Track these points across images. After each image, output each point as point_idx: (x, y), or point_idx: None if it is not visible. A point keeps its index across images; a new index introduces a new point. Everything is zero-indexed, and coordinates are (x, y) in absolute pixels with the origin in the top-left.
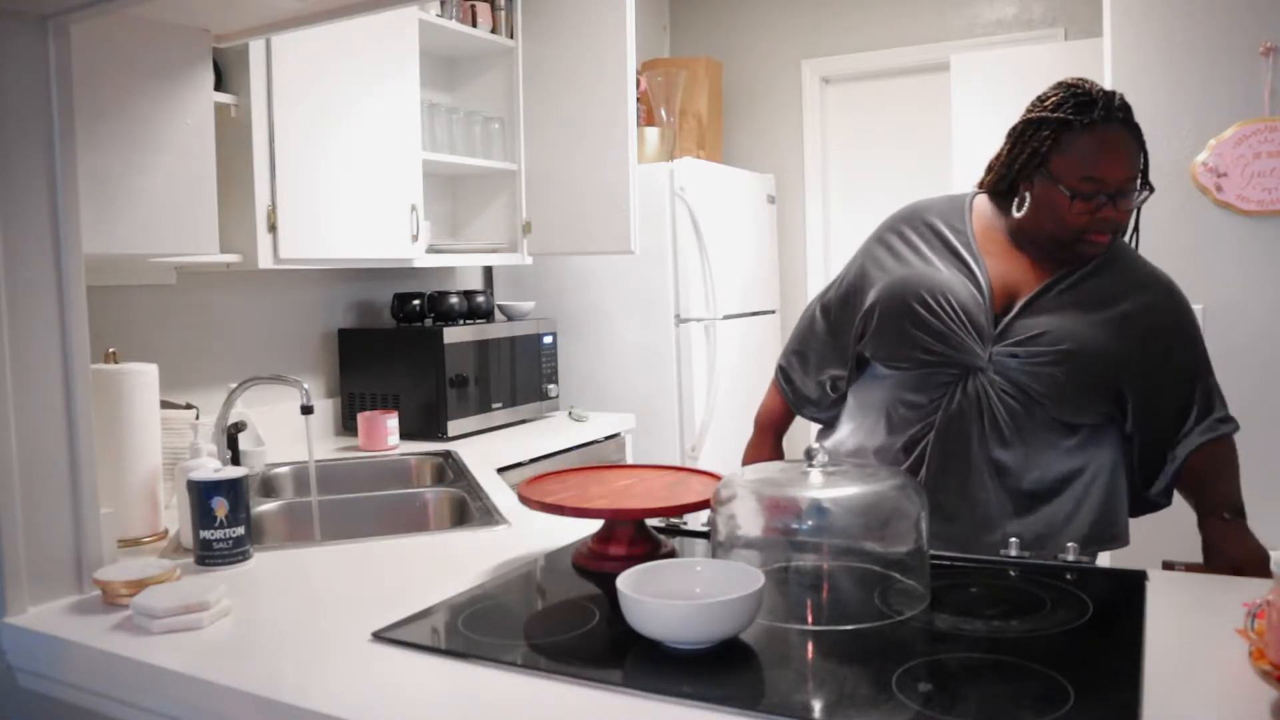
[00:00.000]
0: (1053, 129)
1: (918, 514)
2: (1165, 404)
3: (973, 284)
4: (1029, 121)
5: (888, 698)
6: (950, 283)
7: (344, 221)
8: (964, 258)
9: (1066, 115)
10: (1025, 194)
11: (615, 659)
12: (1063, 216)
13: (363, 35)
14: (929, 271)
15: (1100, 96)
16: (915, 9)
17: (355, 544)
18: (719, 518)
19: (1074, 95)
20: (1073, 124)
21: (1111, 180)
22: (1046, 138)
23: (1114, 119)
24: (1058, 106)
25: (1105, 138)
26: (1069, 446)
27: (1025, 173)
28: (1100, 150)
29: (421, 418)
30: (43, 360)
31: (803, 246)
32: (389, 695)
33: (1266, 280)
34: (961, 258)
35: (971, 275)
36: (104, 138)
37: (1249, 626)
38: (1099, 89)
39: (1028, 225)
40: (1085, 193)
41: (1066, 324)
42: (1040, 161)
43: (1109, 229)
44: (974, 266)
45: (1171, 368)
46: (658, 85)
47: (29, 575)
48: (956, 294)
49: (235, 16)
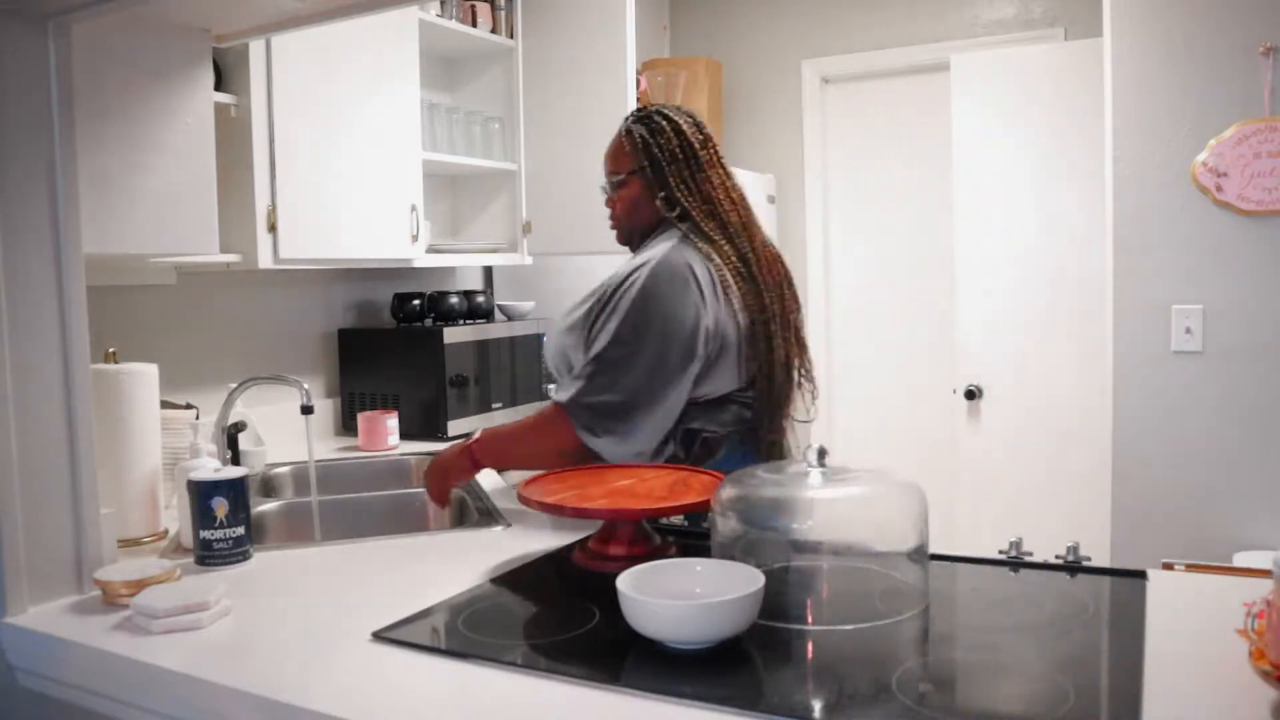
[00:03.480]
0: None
1: (918, 514)
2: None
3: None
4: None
5: (888, 698)
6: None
7: (344, 221)
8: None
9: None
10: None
11: (615, 659)
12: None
13: (363, 36)
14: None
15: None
16: (915, 9)
17: (355, 544)
18: (719, 518)
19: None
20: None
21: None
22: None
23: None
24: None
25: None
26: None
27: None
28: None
29: (421, 418)
30: (43, 360)
31: (803, 246)
32: (389, 695)
33: (1266, 280)
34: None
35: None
36: (104, 138)
37: (1249, 626)
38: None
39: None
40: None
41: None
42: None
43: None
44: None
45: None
46: (658, 85)
47: (29, 575)
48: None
49: (235, 16)
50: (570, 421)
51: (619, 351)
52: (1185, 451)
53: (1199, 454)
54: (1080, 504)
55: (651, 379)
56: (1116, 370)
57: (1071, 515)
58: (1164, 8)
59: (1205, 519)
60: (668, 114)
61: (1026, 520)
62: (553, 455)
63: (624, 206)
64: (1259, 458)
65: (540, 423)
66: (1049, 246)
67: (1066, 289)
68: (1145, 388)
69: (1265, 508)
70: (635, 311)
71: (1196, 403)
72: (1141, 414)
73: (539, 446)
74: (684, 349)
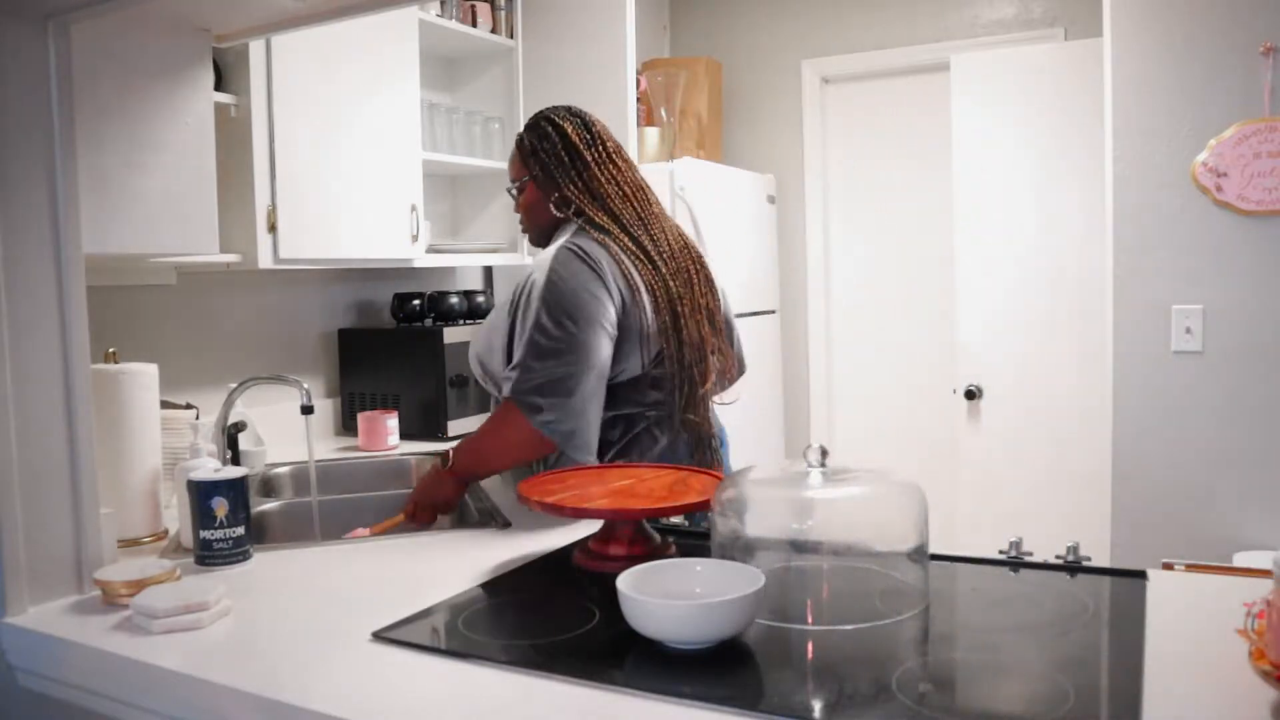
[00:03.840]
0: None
1: (918, 514)
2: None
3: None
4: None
5: (888, 698)
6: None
7: (344, 221)
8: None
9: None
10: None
11: (615, 659)
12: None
13: (363, 35)
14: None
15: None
16: (915, 9)
17: (355, 544)
18: (719, 518)
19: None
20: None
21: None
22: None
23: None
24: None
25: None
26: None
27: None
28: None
29: (421, 418)
30: (43, 360)
31: (803, 246)
32: (389, 695)
33: (1266, 280)
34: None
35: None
36: (104, 138)
37: (1249, 626)
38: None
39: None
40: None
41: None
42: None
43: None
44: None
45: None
46: (658, 85)
47: (29, 575)
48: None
49: (235, 16)
50: (519, 410)
51: (542, 337)
52: (1185, 451)
53: (1199, 454)
54: (1080, 504)
55: (577, 351)
56: (1116, 370)
57: (1071, 515)
58: (1164, 8)
59: (1205, 519)
60: (554, 118)
61: (1026, 520)
62: (515, 448)
63: (524, 211)
64: (1259, 458)
65: (496, 422)
66: (1049, 246)
67: (1066, 289)
68: (1145, 388)
69: (1265, 508)
70: (548, 298)
71: (1196, 403)
72: (1141, 414)
73: (501, 443)
74: (596, 321)
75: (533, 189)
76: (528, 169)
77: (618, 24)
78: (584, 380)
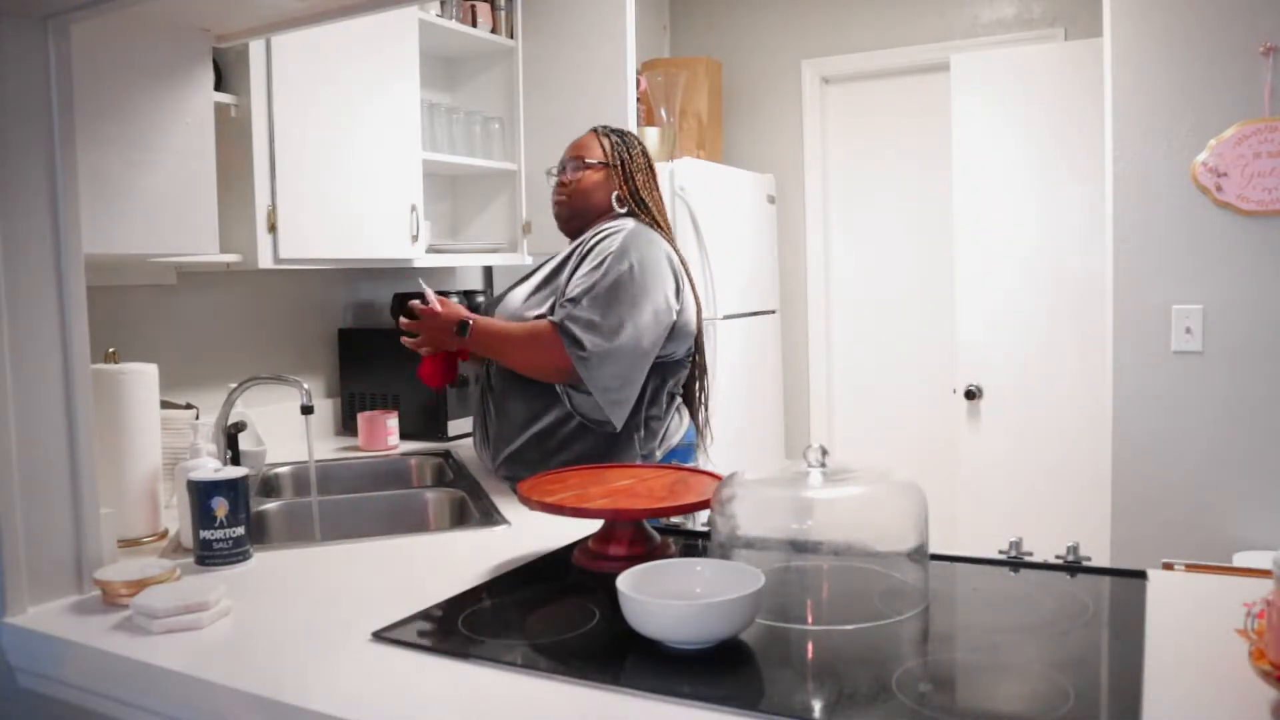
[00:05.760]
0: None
1: (918, 514)
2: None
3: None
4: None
5: (888, 698)
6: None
7: (344, 221)
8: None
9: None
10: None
11: (615, 659)
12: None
13: (363, 35)
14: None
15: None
16: (915, 9)
17: (355, 544)
18: (719, 518)
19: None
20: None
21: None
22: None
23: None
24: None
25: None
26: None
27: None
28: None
29: (421, 418)
30: (43, 360)
31: (803, 246)
32: (389, 695)
33: (1266, 280)
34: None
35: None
36: (104, 138)
37: (1249, 626)
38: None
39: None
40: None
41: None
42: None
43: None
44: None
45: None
46: (658, 85)
47: (29, 575)
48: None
49: (235, 16)
50: (561, 340)
51: (609, 284)
52: (1185, 451)
53: (1199, 454)
54: (1080, 504)
55: (640, 308)
56: (1116, 370)
57: (1071, 515)
58: (1164, 8)
59: (1205, 519)
60: (630, 133)
61: (1026, 520)
62: (534, 368)
63: (583, 187)
64: (1259, 458)
65: (531, 335)
66: (1049, 246)
67: (1066, 289)
68: (1145, 388)
69: (1265, 508)
70: (621, 256)
71: (1196, 403)
72: (1141, 414)
73: (524, 357)
74: (664, 292)
75: (602, 172)
76: (607, 157)
77: (618, 24)
78: (631, 334)
